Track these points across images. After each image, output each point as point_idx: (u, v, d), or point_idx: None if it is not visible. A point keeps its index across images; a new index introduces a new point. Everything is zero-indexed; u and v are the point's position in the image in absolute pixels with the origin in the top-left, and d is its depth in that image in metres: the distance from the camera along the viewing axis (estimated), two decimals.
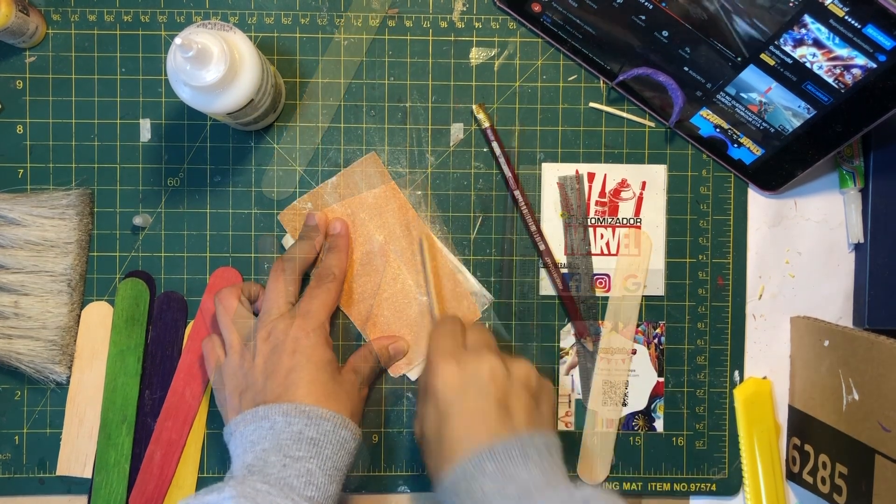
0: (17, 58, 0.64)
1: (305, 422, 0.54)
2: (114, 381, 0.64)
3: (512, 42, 0.65)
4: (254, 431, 0.54)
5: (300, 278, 0.62)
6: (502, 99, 0.65)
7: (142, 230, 0.64)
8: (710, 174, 0.66)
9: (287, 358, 0.57)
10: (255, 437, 0.54)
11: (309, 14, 0.64)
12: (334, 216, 0.64)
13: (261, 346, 0.58)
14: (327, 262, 0.62)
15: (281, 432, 0.54)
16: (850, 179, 0.64)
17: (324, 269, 0.62)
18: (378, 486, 0.65)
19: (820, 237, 0.66)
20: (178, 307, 0.64)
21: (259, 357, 0.58)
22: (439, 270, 0.64)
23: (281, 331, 0.58)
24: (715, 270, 0.66)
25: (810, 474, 0.63)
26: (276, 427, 0.54)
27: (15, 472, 0.64)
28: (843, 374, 0.59)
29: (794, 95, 0.59)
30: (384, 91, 0.65)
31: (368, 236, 0.64)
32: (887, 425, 0.55)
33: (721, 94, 0.61)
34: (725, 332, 0.66)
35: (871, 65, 0.55)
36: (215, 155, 0.65)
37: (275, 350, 0.57)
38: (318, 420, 0.54)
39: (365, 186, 0.64)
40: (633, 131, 0.65)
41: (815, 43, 0.56)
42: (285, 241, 0.64)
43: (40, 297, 0.62)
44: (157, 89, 0.64)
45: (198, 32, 0.51)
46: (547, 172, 0.65)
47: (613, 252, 0.65)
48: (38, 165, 0.64)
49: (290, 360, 0.57)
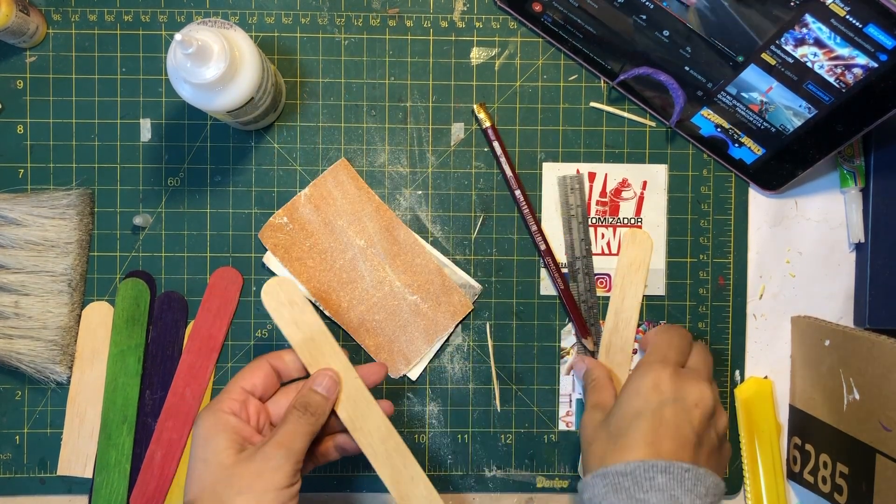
0: (18, 58, 0.64)
1: None
2: (114, 381, 0.63)
3: (513, 42, 0.65)
4: None
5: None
6: (503, 98, 0.65)
7: (142, 230, 0.64)
8: (711, 174, 0.66)
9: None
10: None
11: (309, 14, 0.64)
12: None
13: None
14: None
15: None
16: (851, 179, 0.64)
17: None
18: (378, 486, 0.65)
19: (821, 237, 0.66)
20: (178, 307, 0.64)
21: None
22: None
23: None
24: (716, 270, 0.66)
25: (811, 474, 0.63)
26: None
27: (16, 472, 0.64)
28: (843, 374, 0.59)
29: (795, 95, 0.59)
30: (385, 91, 0.65)
31: (349, 243, 0.64)
32: (888, 425, 0.55)
33: (722, 94, 0.61)
34: (726, 331, 0.66)
35: (872, 64, 0.55)
36: (216, 155, 0.65)
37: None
38: None
39: (339, 194, 0.64)
40: (633, 131, 0.65)
41: (816, 42, 0.56)
42: (266, 260, 0.64)
43: (41, 297, 0.62)
44: (158, 89, 0.64)
45: (198, 29, 0.51)
46: (547, 172, 0.65)
47: (614, 252, 0.65)
48: (39, 165, 0.64)
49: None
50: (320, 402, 0.54)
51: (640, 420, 0.54)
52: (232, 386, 0.54)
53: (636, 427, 0.53)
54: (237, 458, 0.51)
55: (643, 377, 0.56)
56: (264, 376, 0.55)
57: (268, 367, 0.55)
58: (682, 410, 0.54)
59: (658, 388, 0.55)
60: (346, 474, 0.65)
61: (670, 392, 0.55)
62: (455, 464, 0.66)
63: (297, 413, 0.53)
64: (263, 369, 0.55)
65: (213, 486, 0.50)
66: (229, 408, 0.53)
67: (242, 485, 0.50)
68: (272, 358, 0.56)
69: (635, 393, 0.55)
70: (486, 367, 0.65)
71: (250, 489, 0.50)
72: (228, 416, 0.52)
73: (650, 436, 0.53)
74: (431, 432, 0.66)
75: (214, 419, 0.52)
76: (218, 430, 0.52)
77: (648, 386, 0.55)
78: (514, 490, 0.66)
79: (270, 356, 0.56)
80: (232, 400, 0.53)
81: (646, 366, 0.57)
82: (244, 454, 0.51)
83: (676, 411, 0.54)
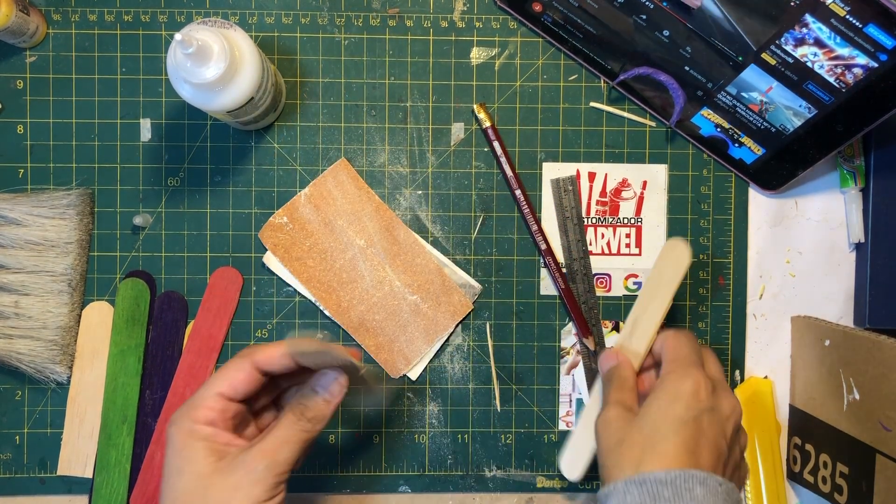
0: (18, 58, 0.64)
1: None
2: (114, 381, 0.63)
3: (513, 42, 0.65)
4: None
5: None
6: (503, 98, 0.65)
7: (142, 230, 0.64)
8: (711, 174, 0.66)
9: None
10: None
11: (309, 14, 0.64)
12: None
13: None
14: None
15: None
16: (851, 179, 0.64)
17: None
18: (378, 486, 0.65)
19: (821, 237, 0.66)
20: (178, 307, 0.64)
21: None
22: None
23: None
24: (716, 270, 0.66)
25: (811, 474, 0.63)
26: None
27: (16, 472, 0.64)
28: (843, 374, 0.59)
29: (795, 95, 0.59)
30: (385, 91, 0.65)
31: (349, 242, 0.64)
32: (888, 425, 0.55)
33: (722, 94, 0.61)
34: (726, 331, 0.66)
35: (872, 64, 0.55)
36: (215, 155, 0.65)
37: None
38: None
39: (339, 194, 0.64)
40: (633, 131, 0.65)
41: (816, 42, 0.56)
42: (266, 259, 0.64)
43: (41, 297, 0.62)
44: (158, 89, 0.64)
45: (198, 29, 0.51)
46: (548, 172, 0.65)
47: (614, 252, 0.65)
48: (39, 165, 0.64)
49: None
50: (321, 408, 0.49)
51: (683, 427, 0.51)
52: (207, 391, 0.49)
53: (678, 433, 0.50)
54: (215, 466, 0.47)
55: (682, 381, 0.53)
56: (245, 379, 0.50)
57: (250, 368, 0.50)
58: (718, 422, 0.52)
59: (698, 395, 0.52)
60: (346, 474, 0.65)
61: (707, 401, 0.52)
62: (455, 464, 0.66)
63: (291, 417, 0.49)
64: (245, 371, 0.50)
65: (188, 499, 0.46)
66: (204, 417, 0.48)
67: (218, 498, 0.46)
68: (257, 354, 0.50)
69: (675, 397, 0.52)
70: (486, 367, 0.65)
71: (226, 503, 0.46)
72: (202, 427, 0.48)
73: (692, 444, 0.50)
74: (431, 432, 0.66)
75: (188, 428, 0.48)
76: (192, 439, 0.48)
77: (689, 392, 0.52)
78: (514, 490, 0.66)
79: (255, 352, 0.50)
80: (207, 409, 0.49)
81: (683, 370, 0.54)
82: (223, 463, 0.47)
83: (712, 422, 0.52)
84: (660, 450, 0.50)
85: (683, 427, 0.51)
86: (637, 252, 0.65)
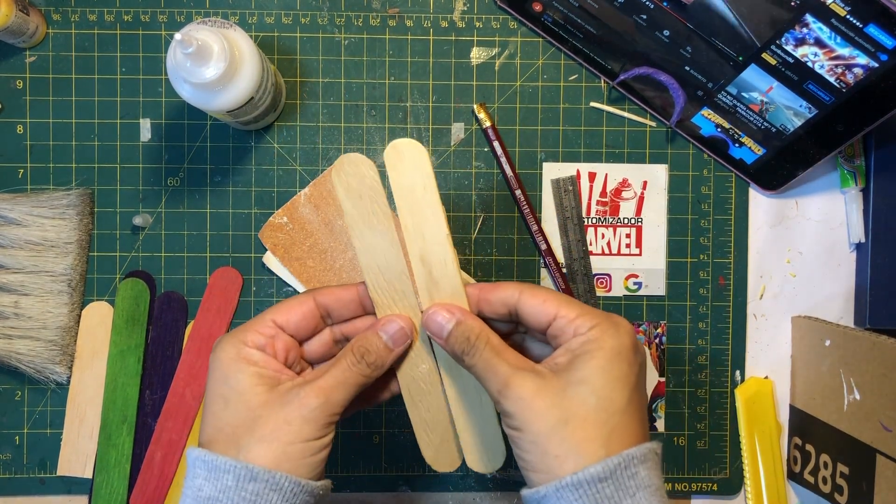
0: (17, 58, 0.64)
1: (205, 475, 0.42)
2: (114, 382, 0.63)
3: (513, 41, 0.65)
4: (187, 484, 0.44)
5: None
6: (503, 98, 0.65)
7: (142, 230, 0.64)
8: (712, 174, 0.66)
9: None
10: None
11: (309, 14, 0.64)
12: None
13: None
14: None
15: (188, 488, 0.42)
16: (852, 179, 0.64)
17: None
18: (378, 486, 0.65)
19: (821, 237, 0.66)
20: (178, 307, 0.64)
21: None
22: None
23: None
24: (716, 270, 0.66)
25: (811, 474, 0.63)
26: (188, 482, 0.43)
27: (15, 473, 0.64)
28: (844, 374, 0.59)
29: (796, 95, 0.59)
30: (385, 91, 0.65)
31: (349, 243, 0.64)
32: (888, 425, 0.54)
33: (722, 94, 0.61)
34: (726, 331, 0.66)
35: (872, 64, 0.55)
36: (215, 155, 0.64)
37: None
38: (216, 472, 0.42)
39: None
40: (634, 131, 0.65)
41: (816, 42, 0.56)
42: (266, 259, 0.64)
43: (40, 297, 0.62)
44: (158, 89, 0.64)
45: (198, 29, 0.51)
46: (548, 172, 0.65)
47: (614, 252, 0.65)
48: (39, 165, 0.64)
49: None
50: (382, 353, 0.45)
51: (634, 392, 0.43)
52: (262, 317, 0.45)
53: (632, 400, 0.43)
54: (266, 397, 0.43)
55: (617, 335, 0.43)
56: (305, 315, 0.46)
57: (311, 305, 0.46)
58: (643, 373, 0.44)
59: (637, 348, 0.44)
60: (346, 474, 0.65)
61: (644, 353, 0.45)
62: None
63: (351, 358, 0.45)
64: (306, 306, 0.46)
65: (233, 430, 0.42)
66: (253, 342, 0.44)
67: (266, 431, 0.42)
68: (322, 294, 0.46)
69: (614, 354, 0.43)
70: None
71: (274, 438, 0.42)
72: (252, 350, 0.44)
73: (643, 409, 0.44)
74: None
75: (236, 352, 0.44)
76: (241, 364, 0.44)
77: (628, 346, 0.43)
78: (514, 490, 0.66)
79: (320, 292, 0.47)
80: (258, 333, 0.45)
81: (606, 320, 0.44)
82: (273, 394, 0.43)
83: (643, 375, 0.44)
84: (623, 423, 0.42)
85: (635, 392, 0.43)
86: (637, 252, 0.65)
